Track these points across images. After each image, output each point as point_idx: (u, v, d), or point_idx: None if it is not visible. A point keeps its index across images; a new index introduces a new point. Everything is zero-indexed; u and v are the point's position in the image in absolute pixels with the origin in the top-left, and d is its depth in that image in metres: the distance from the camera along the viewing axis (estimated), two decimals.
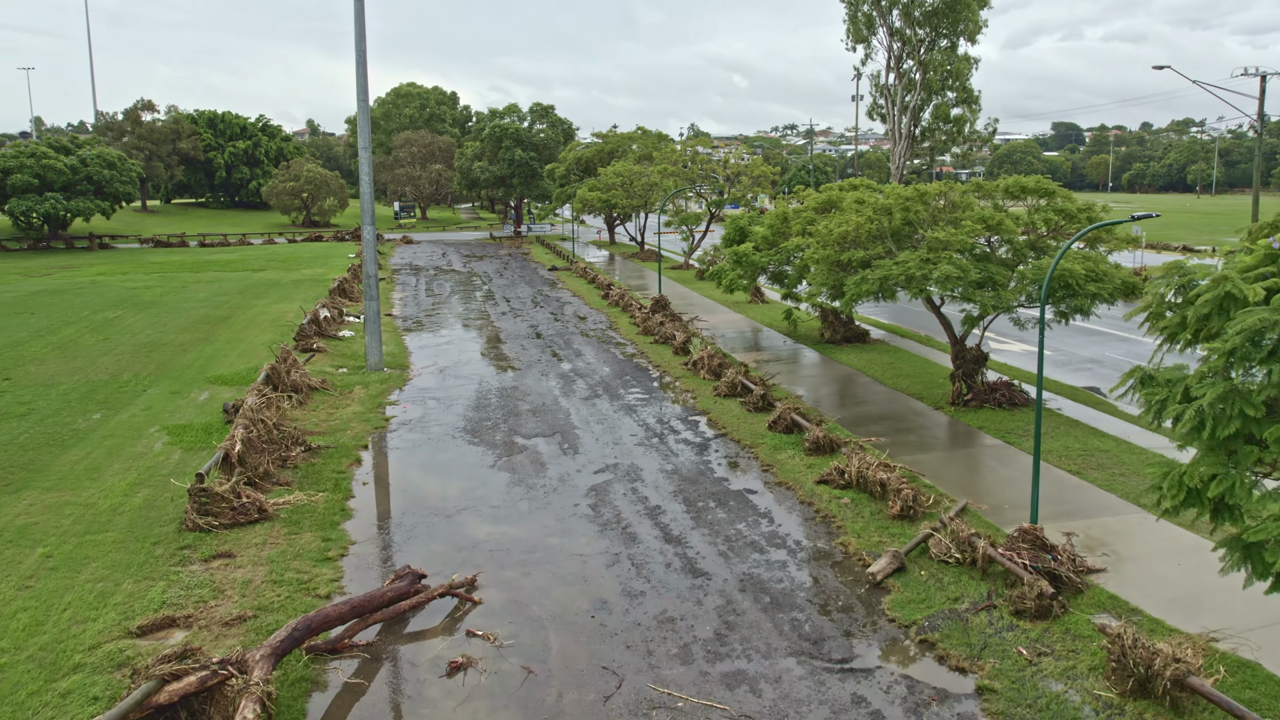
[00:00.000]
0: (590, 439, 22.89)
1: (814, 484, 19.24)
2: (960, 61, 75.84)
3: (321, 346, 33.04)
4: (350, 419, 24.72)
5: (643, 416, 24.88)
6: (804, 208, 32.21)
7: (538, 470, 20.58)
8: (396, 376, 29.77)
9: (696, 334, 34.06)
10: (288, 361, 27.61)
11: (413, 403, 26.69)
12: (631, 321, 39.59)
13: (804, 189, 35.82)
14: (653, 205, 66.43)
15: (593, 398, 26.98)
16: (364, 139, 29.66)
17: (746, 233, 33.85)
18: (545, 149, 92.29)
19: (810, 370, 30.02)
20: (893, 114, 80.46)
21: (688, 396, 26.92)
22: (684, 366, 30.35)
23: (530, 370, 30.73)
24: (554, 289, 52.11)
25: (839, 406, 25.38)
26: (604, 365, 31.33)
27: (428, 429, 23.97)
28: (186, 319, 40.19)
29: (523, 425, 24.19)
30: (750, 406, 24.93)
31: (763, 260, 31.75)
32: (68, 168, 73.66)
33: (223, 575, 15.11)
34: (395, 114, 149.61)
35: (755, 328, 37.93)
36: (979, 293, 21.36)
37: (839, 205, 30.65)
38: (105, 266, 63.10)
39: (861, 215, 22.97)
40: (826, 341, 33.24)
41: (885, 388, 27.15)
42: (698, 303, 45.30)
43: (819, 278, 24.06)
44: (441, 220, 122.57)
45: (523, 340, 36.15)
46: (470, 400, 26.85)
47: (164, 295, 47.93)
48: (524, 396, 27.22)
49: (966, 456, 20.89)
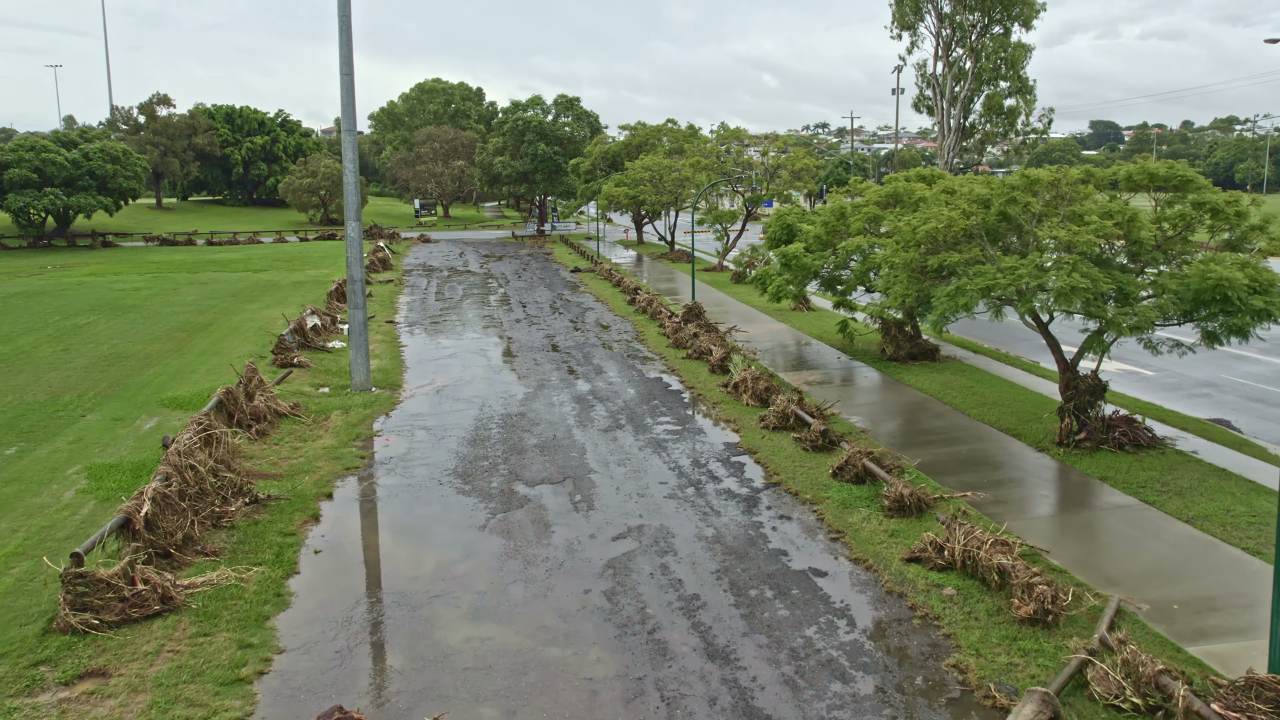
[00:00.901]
0: (609, 487, 18.31)
1: (902, 562, 14.54)
2: (1015, 49, 70.56)
3: (303, 361, 28.69)
4: (318, 456, 20.29)
5: (674, 455, 20.27)
6: (864, 202, 27.46)
7: (540, 534, 16.03)
8: (384, 399, 25.34)
9: (736, 348, 29.39)
10: (253, 382, 23.25)
11: (398, 433, 22.24)
12: (660, 331, 34.98)
13: (862, 181, 31.05)
14: (684, 202, 61.75)
15: (614, 429, 22.41)
16: (348, 119, 25.26)
17: (795, 231, 29.21)
18: (570, 143, 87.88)
19: (873, 395, 25.25)
20: (940, 106, 75.30)
21: (729, 429, 22.27)
22: (723, 389, 25.70)
23: (542, 391, 26.20)
24: (575, 293, 47.60)
25: (915, 444, 20.62)
26: (628, 386, 26.73)
27: (410, 471, 19.49)
28: (163, 326, 36.04)
29: (527, 467, 19.65)
30: (807, 444, 20.26)
31: (815, 263, 27.05)
32: (69, 162, 70.10)
33: (79, 712, 10.66)
34: (419, 110, 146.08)
35: (803, 341, 33.18)
36: (1108, 309, 16.56)
37: (906, 199, 25.91)
38: (100, 266, 59.37)
39: (955, 209, 18.20)
40: (889, 359, 28.46)
41: (969, 420, 22.34)
42: (734, 310, 40.61)
43: (899, 287, 19.32)
44: (464, 218, 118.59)
45: (536, 354, 31.64)
46: (467, 431, 22.36)
47: (150, 298, 43.90)
48: (532, 426, 22.70)
49: (1093, 522, 16.08)
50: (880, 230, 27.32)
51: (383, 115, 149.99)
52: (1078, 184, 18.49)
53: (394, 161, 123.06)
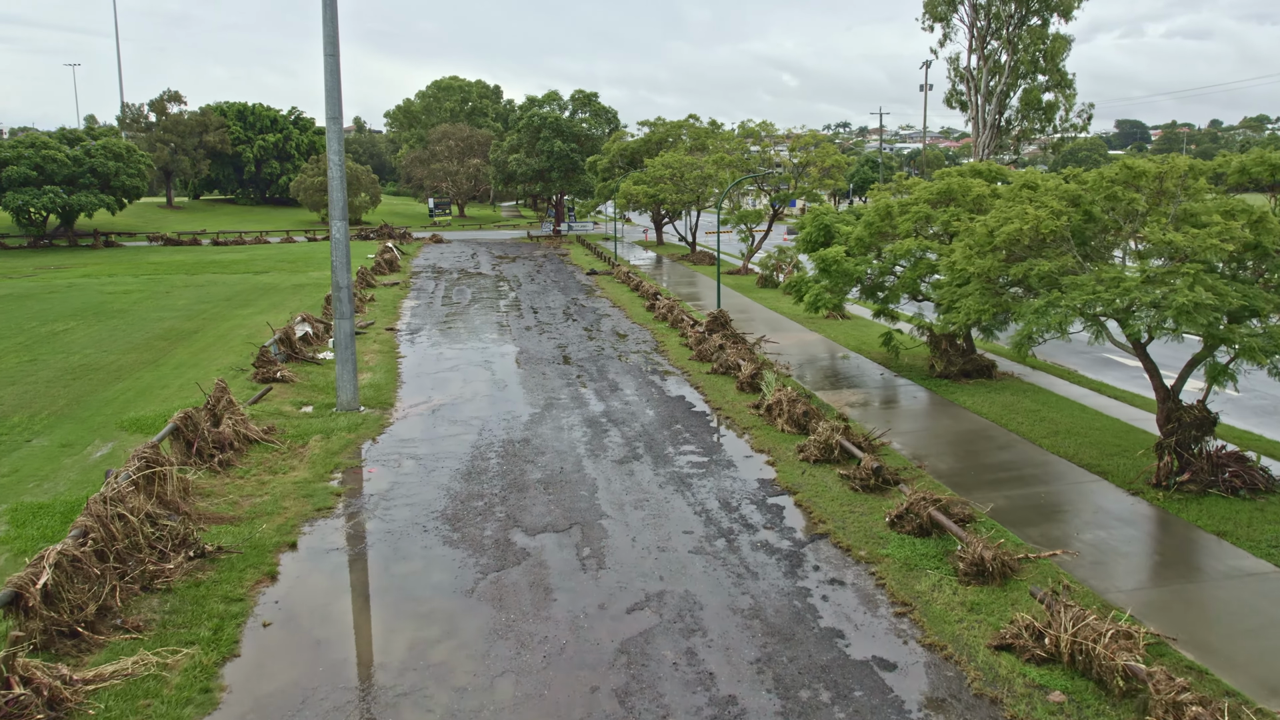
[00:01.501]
0: (623, 538, 15.39)
1: (990, 650, 11.56)
2: (1054, 41, 67.12)
3: (287, 375, 25.92)
4: (286, 493, 17.47)
5: (700, 495, 17.32)
6: (912, 200, 24.42)
7: (539, 603, 13.13)
8: (372, 420, 22.52)
9: (767, 363, 26.42)
10: (220, 404, 20.49)
11: (384, 464, 19.41)
12: (683, 342, 32.03)
13: (907, 177, 27.98)
14: (706, 201, 58.75)
15: (630, 459, 19.48)
16: (333, 106, 22.45)
17: (833, 233, 26.20)
18: (588, 141, 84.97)
19: (926, 420, 22.20)
20: (974, 101, 71.98)
21: (763, 460, 19.30)
22: (753, 411, 22.74)
23: (550, 412, 23.31)
24: (591, 297, 44.71)
25: (982, 484, 17.59)
26: (647, 406, 23.80)
27: (392, 513, 16.64)
28: (146, 333, 33.40)
29: (529, 508, 16.75)
30: (856, 483, 17.27)
31: (858, 269, 24.03)
32: (69, 159, 67.77)
33: None
34: (436, 107, 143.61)
35: (839, 353, 30.13)
36: (1236, 330, 13.50)
37: (961, 196, 22.89)
38: (97, 267, 56.96)
39: (1042, 208, 15.14)
40: (939, 376, 25.39)
41: (1041, 452, 19.28)
42: (761, 317, 37.61)
43: (971, 301, 16.28)
44: (479, 218, 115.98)
45: (546, 366, 28.76)
46: (462, 461, 19.50)
47: (139, 302, 41.33)
48: (536, 456, 19.81)
49: (1222, 597, 13.02)
50: (930, 232, 24.29)
51: (399, 113, 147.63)
52: (1186, 177, 15.40)
53: (408, 160, 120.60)
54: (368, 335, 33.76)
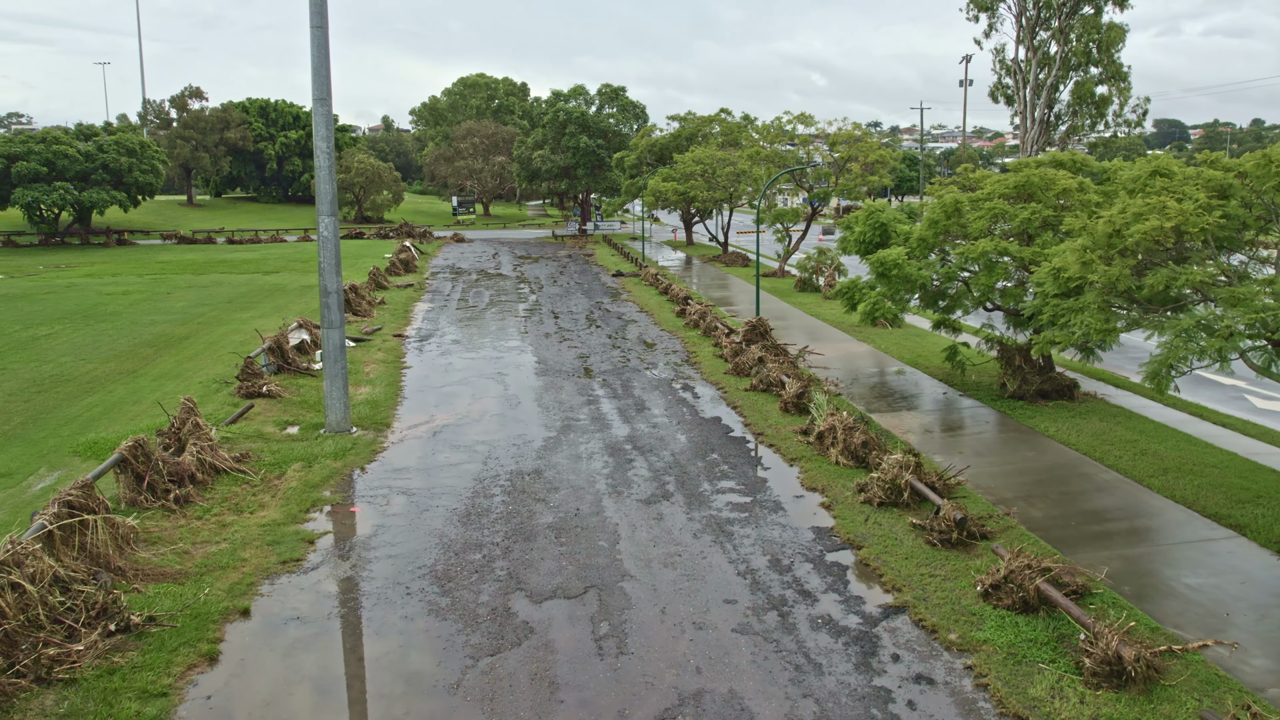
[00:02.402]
0: (651, 608, 12.41)
1: None
2: (1109, 30, 63.33)
3: (274, 389, 23.14)
4: (249, 540, 14.64)
5: (744, 549, 14.31)
6: (984, 194, 21.26)
7: (542, 706, 10.19)
8: (363, 445, 19.68)
9: (814, 379, 23.36)
10: (185, 427, 17.72)
11: (370, 501, 16.55)
12: (717, 352, 28.99)
13: (974, 169, 24.80)
14: (739, 199, 55.65)
15: (659, 498, 16.50)
16: (320, 84, 19.62)
17: (890, 231, 23.09)
18: (615, 137, 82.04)
19: (1005, 451, 19.02)
20: (1022, 95, 68.30)
21: (816, 502, 16.25)
22: (801, 437, 19.69)
23: (567, 436, 20.38)
24: (617, 301, 41.75)
25: (1087, 539, 14.44)
26: (678, 429, 20.80)
27: (370, 569, 13.76)
28: (133, 339, 30.82)
29: (536, 564, 13.82)
30: (934, 536, 14.19)
31: (921, 273, 20.90)
32: (81, 154, 65.69)
33: None
34: (462, 105, 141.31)
35: (892, 367, 26.97)
36: None
37: (1041, 191, 19.73)
38: (103, 266, 54.73)
39: (1187, 202, 11.98)
40: (1012, 396, 22.20)
41: (1150, 495, 16.09)
42: (800, 323, 34.50)
43: (1092, 317, 13.15)
44: (504, 217, 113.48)
45: (565, 380, 25.84)
46: (462, 499, 16.60)
47: (136, 304, 38.84)
48: (549, 492, 16.87)
49: None
50: (1001, 229, 21.12)
51: (424, 111, 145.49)
52: None
53: (433, 157, 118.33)
54: (372, 342, 31.00)
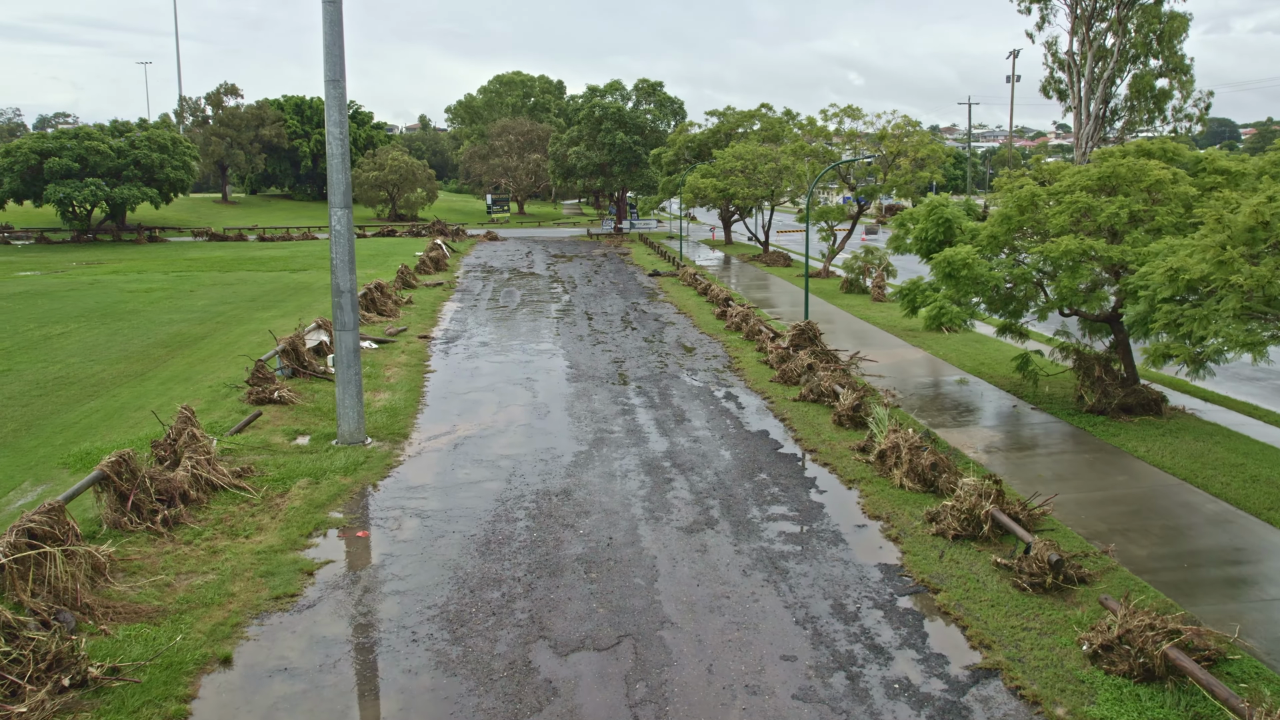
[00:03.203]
0: (695, 665, 10.57)
1: None
2: (1171, 20, 60.52)
3: (287, 395, 21.55)
4: (240, 570, 12.98)
5: (802, 590, 12.42)
6: (1064, 187, 19.17)
7: None
8: (378, 458, 18.01)
9: (870, 390, 21.37)
10: (180, 439, 16.15)
11: (380, 524, 14.85)
12: (761, 358, 27.06)
13: (1044, 160, 22.69)
14: (780, 196, 53.58)
15: (702, 526, 14.65)
16: (333, 64, 17.97)
17: (954, 228, 21.03)
18: (651, 133, 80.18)
19: (1092, 475, 16.92)
20: (1076, 89, 65.57)
21: (881, 533, 14.32)
22: (858, 455, 17.74)
23: (600, 451, 18.58)
24: (653, 302, 39.90)
25: (1205, 584, 12.38)
26: (721, 444, 18.92)
27: (374, 608, 12.04)
28: (147, 339, 29.48)
29: (562, 605, 12.02)
30: (1024, 579, 12.21)
31: (994, 274, 18.83)
32: (113, 150, 64.97)
33: None
34: (498, 103, 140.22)
35: (952, 375, 24.89)
36: None
37: (1130, 183, 17.63)
38: (131, 263, 53.81)
39: None
40: (1091, 410, 20.07)
41: (1272, 530, 13.97)
42: (848, 327, 32.46)
43: (1230, 326, 11.12)
44: (538, 215, 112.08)
45: (598, 388, 24.05)
46: (482, 523, 14.85)
47: (157, 301, 37.63)
48: (579, 517, 15.08)
49: None
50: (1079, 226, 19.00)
51: (460, 109, 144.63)
52: None
53: (468, 155, 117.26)
54: (396, 344, 29.42)
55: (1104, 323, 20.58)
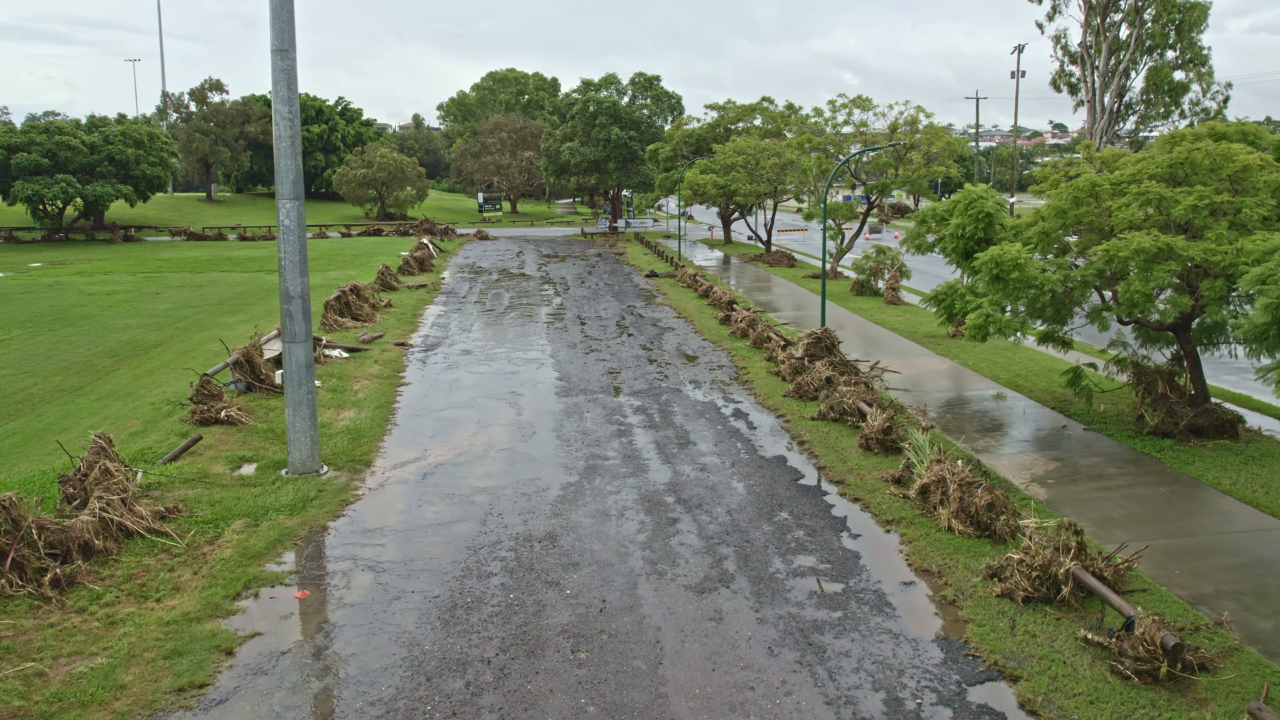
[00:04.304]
0: None
1: None
2: (1190, 10, 58.04)
3: (236, 414, 18.89)
4: (139, 649, 10.36)
5: (844, 678, 9.84)
6: (1124, 178, 16.60)
7: None
8: (332, 492, 15.40)
9: (900, 408, 18.81)
10: (90, 476, 13.55)
11: (324, 582, 12.24)
12: (772, 368, 24.48)
13: (1096, 148, 20.11)
14: (784, 193, 51.00)
15: (715, 584, 12.06)
16: (280, 32, 15.35)
17: (996, 225, 18.47)
18: (648, 128, 77.54)
19: (1171, 514, 14.33)
20: (1089, 82, 63.09)
21: (933, 593, 11.73)
22: (894, 488, 15.17)
23: (592, 483, 15.98)
24: (651, 305, 37.30)
25: None
26: (733, 475, 16.33)
27: (303, 701, 9.42)
28: (95, 347, 26.82)
29: (541, 704, 9.42)
30: (1128, 666, 9.64)
31: (1049, 277, 16.23)
32: (85, 146, 62.16)
33: None
34: (491, 100, 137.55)
35: (986, 389, 22.32)
36: None
37: (1207, 169, 15.08)
38: (101, 263, 51.07)
39: None
40: (1155, 432, 17.50)
41: None
42: (860, 332, 29.89)
43: None
44: (531, 214, 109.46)
45: (590, 403, 21.45)
46: (447, 581, 12.24)
47: (116, 305, 34.96)
48: (566, 572, 12.48)
49: None
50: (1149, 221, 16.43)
51: (452, 106, 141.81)
52: None
53: (459, 153, 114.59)
54: (369, 352, 26.78)
55: (1167, 331, 18.02)
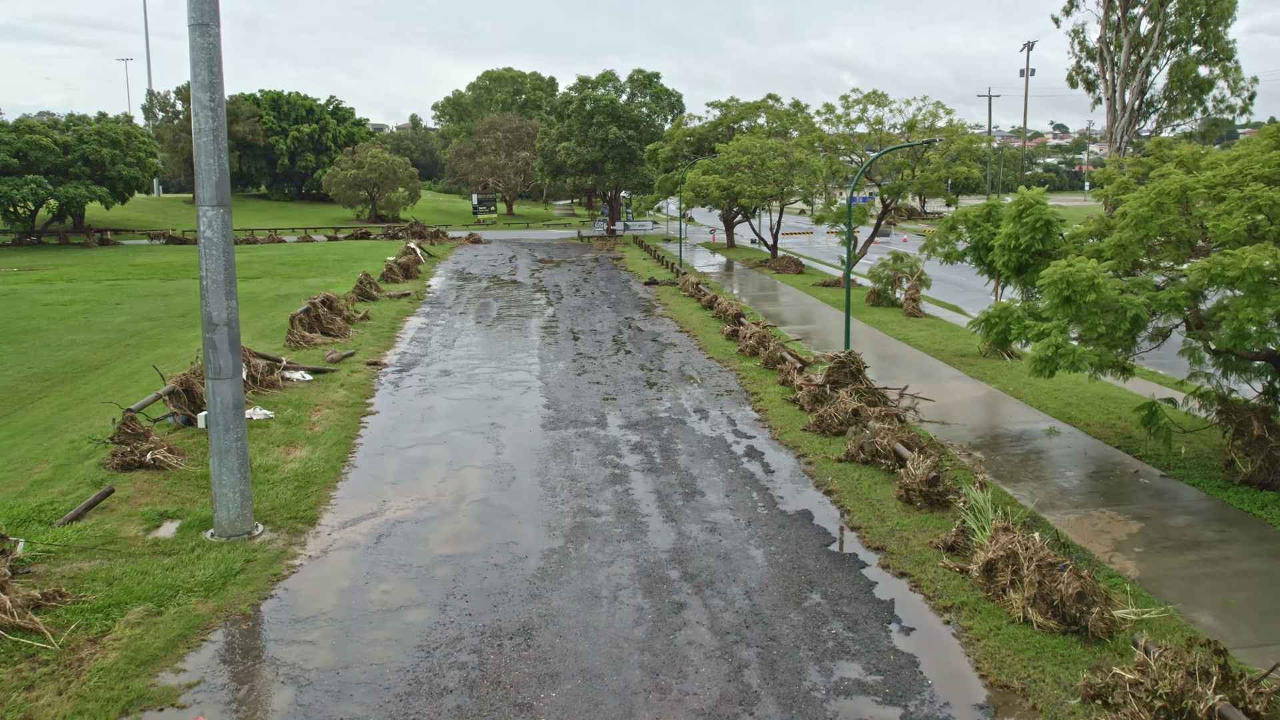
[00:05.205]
0: None
1: None
2: (1219, 2, 55.29)
3: (163, 457, 16.06)
4: None
5: None
6: (1220, 177, 13.81)
7: None
8: (263, 563, 12.60)
9: (945, 450, 16.02)
10: None
11: (229, 704, 9.44)
12: (787, 394, 21.69)
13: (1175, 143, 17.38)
14: (792, 194, 48.24)
15: (735, 712, 9.26)
16: (201, 5, 12.57)
17: (1056, 235, 15.70)
18: (647, 127, 74.73)
19: None
20: (1108, 78, 60.32)
21: (1005, 706, 8.95)
22: (945, 556, 12.39)
23: (579, 549, 13.19)
24: (651, 317, 34.50)
25: None
26: (750, 539, 13.53)
27: None
28: (28, 369, 24.04)
29: None
30: None
31: (1130, 299, 13.45)
32: (57, 145, 59.32)
33: None
34: (487, 99, 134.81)
35: (1036, 423, 19.53)
36: None
37: None
38: (68, 269, 48.25)
39: None
40: (1248, 481, 14.73)
41: None
42: (879, 348, 27.10)
43: None
44: (527, 216, 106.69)
45: (582, 438, 18.64)
46: (389, 703, 9.46)
47: (69, 316, 32.15)
48: (543, 685, 9.70)
49: None
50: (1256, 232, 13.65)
51: (448, 105, 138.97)
52: None
53: (454, 153, 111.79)
54: (337, 374, 23.99)
55: (1262, 361, 15.26)
